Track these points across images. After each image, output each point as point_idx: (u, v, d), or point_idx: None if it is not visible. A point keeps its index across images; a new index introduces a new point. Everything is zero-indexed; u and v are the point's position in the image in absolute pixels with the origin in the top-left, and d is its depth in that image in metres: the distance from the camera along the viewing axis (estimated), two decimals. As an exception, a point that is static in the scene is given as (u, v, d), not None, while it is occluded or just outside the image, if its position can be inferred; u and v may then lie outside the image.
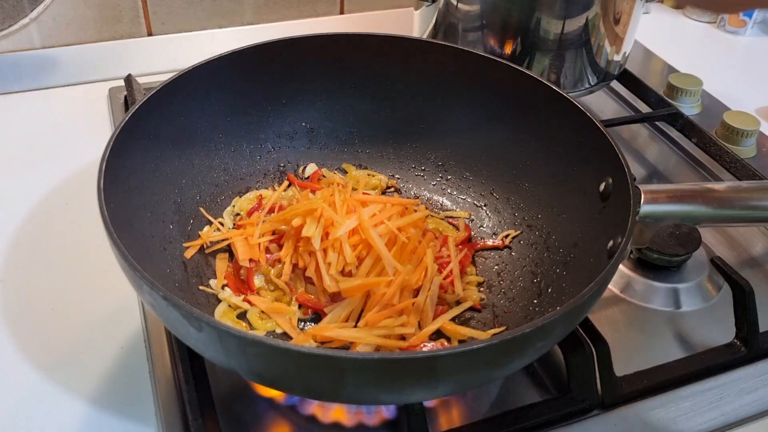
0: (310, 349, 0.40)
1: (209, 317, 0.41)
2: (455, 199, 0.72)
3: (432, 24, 0.85)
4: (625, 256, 0.48)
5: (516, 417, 0.53)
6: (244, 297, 0.60)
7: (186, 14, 0.96)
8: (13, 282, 0.65)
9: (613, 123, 0.85)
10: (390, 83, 0.72)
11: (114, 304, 0.62)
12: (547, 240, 0.64)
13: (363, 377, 0.41)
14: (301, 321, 0.59)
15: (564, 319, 0.43)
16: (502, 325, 0.59)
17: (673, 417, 0.56)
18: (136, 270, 0.43)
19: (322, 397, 0.47)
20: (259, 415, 0.54)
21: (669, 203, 0.52)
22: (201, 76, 0.64)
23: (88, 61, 0.93)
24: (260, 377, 0.44)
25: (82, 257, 0.67)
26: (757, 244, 0.73)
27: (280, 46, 0.68)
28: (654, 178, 0.84)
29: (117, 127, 0.54)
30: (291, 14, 1.03)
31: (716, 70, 1.03)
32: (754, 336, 0.60)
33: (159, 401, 0.54)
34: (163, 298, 0.42)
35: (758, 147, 0.87)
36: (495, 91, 0.68)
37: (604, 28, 0.80)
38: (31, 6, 0.87)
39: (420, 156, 0.74)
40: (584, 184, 0.59)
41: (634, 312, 0.65)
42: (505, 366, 0.45)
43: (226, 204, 0.68)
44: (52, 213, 0.72)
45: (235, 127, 0.69)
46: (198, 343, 0.44)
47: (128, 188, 0.56)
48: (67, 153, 0.80)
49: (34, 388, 0.56)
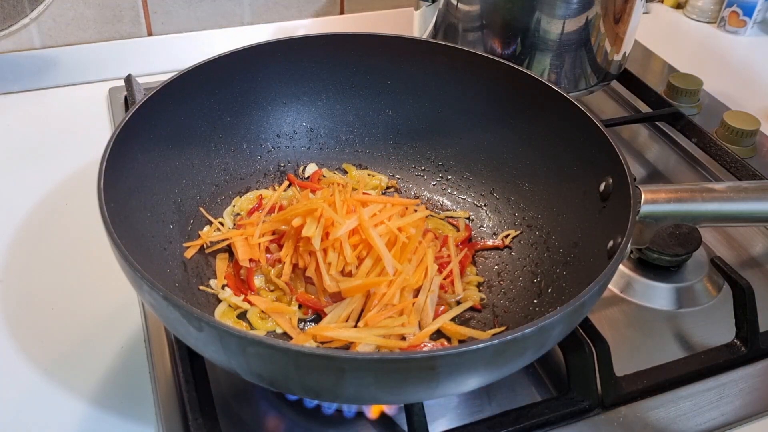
0: (310, 349, 0.40)
1: (209, 317, 0.41)
2: (455, 199, 0.72)
3: (432, 24, 0.85)
4: (625, 256, 0.49)
5: (516, 417, 0.53)
6: (244, 297, 0.60)
7: (186, 14, 0.96)
8: (13, 282, 0.65)
9: (613, 123, 0.85)
10: (390, 83, 0.72)
11: (114, 304, 0.62)
12: (547, 240, 0.64)
13: (363, 377, 0.41)
14: (301, 321, 0.59)
15: (564, 319, 0.43)
16: (502, 325, 0.60)
17: (673, 417, 0.56)
18: (136, 270, 0.43)
19: (323, 397, 0.47)
20: (259, 415, 0.54)
21: (669, 203, 0.52)
22: (201, 76, 0.64)
23: (88, 61, 0.93)
24: (260, 377, 0.44)
25: (82, 257, 0.67)
26: (757, 244, 0.73)
27: (280, 46, 0.68)
28: (654, 178, 0.84)
29: (117, 127, 0.54)
30: (291, 14, 1.03)
31: (716, 70, 1.03)
32: (754, 336, 0.60)
33: (159, 401, 0.54)
34: (164, 298, 0.42)
35: (758, 147, 0.87)
36: (495, 91, 0.68)
37: (604, 28, 0.80)
38: (31, 6, 0.87)
39: (420, 156, 0.74)
40: (584, 184, 0.59)
41: (634, 312, 0.65)
42: (505, 366, 0.45)
43: (226, 204, 0.68)
44: (53, 213, 0.72)
45: (235, 127, 0.69)
46: (198, 343, 0.44)
47: (128, 188, 0.56)
48: (67, 153, 0.80)
49: (34, 388, 0.56)
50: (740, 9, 1.13)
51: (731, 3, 1.14)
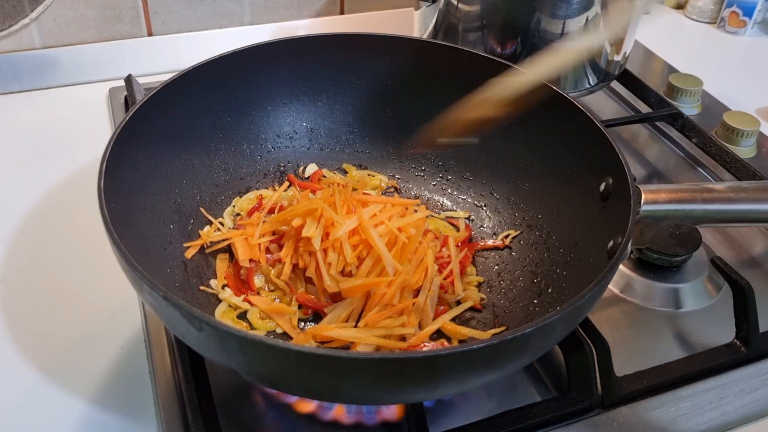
0: (309, 349, 0.40)
1: (209, 317, 0.41)
2: (455, 199, 0.72)
3: (432, 24, 0.85)
4: (625, 257, 0.49)
5: (516, 417, 0.53)
6: (244, 297, 0.60)
7: (186, 14, 0.96)
8: (13, 282, 0.65)
9: (614, 123, 0.85)
10: (390, 83, 0.72)
11: (114, 304, 0.62)
12: (547, 240, 0.64)
13: (363, 377, 0.41)
14: (302, 321, 0.59)
15: (564, 320, 0.43)
16: (503, 325, 0.59)
17: (673, 417, 0.56)
18: (136, 270, 0.43)
19: (323, 397, 0.47)
20: (259, 415, 0.54)
21: (669, 203, 0.52)
22: (201, 76, 0.64)
23: (88, 61, 0.93)
24: (260, 377, 0.44)
25: (82, 257, 0.67)
26: (757, 244, 0.73)
27: (281, 46, 0.68)
28: (654, 178, 0.84)
29: (117, 127, 0.55)
30: (291, 14, 1.03)
31: (716, 70, 1.03)
32: (754, 336, 0.60)
33: (159, 401, 0.54)
34: (164, 298, 0.42)
35: (758, 147, 0.87)
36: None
37: (604, 28, 0.80)
38: (31, 6, 0.87)
39: (420, 156, 0.74)
40: (584, 184, 0.59)
41: (634, 312, 0.65)
42: (505, 366, 0.45)
43: (226, 204, 0.68)
44: (53, 213, 0.72)
45: (236, 127, 0.69)
46: (198, 343, 0.44)
47: (128, 188, 0.56)
48: (67, 153, 0.80)
49: (34, 388, 0.56)
50: (740, 9, 1.13)
51: (731, 3, 1.14)
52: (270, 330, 0.58)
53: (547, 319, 0.42)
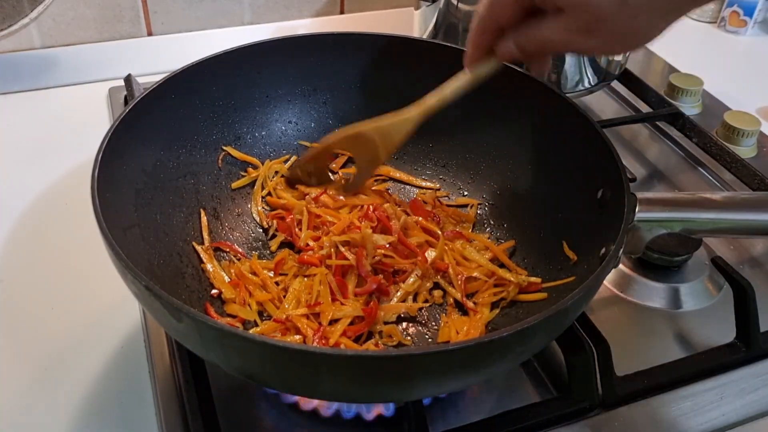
0: (283, 343, 0.40)
1: (189, 308, 0.41)
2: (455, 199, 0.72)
3: (432, 24, 0.85)
4: (615, 265, 0.48)
5: (516, 417, 0.53)
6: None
7: (186, 14, 0.96)
8: (12, 281, 0.65)
9: (614, 123, 0.85)
10: (390, 83, 0.72)
11: (114, 304, 0.62)
12: (546, 244, 0.63)
13: (337, 373, 0.41)
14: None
15: (545, 325, 0.43)
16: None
17: (673, 417, 0.56)
18: (121, 258, 0.44)
19: (299, 391, 0.48)
20: (259, 415, 0.54)
21: (664, 212, 0.51)
22: (201, 75, 0.64)
23: (88, 61, 0.93)
24: (239, 370, 0.44)
25: (81, 257, 0.67)
26: (757, 244, 0.73)
27: (281, 44, 0.68)
28: (654, 178, 0.84)
29: (116, 119, 0.55)
30: (291, 14, 1.03)
31: (717, 70, 1.03)
32: (754, 336, 0.60)
33: (159, 401, 0.54)
34: (146, 288, 0.42)
35: (758, 147, 0.86)
36: (495, 91, 0.67)
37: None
38: (31, 6, 0.87)
39: (420, 156, 0.74)
40: (583, 189, 0.59)
41: (634, 312, 0.65)
42: (483, 369, 0.44)
43: (226, 201, 0.68)
44: (52, 213, 0.72)
45: (236, 124, 0.69)
46: (179, 335, 0.45)
47: (128, 187, 0.56)
48: (67, 153, 0.80)
49: (33, 388, 0.56)
50: (741, 9, 1.13)
51: (731, 3, 1.14)
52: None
53: (527, 323, 0.41)
